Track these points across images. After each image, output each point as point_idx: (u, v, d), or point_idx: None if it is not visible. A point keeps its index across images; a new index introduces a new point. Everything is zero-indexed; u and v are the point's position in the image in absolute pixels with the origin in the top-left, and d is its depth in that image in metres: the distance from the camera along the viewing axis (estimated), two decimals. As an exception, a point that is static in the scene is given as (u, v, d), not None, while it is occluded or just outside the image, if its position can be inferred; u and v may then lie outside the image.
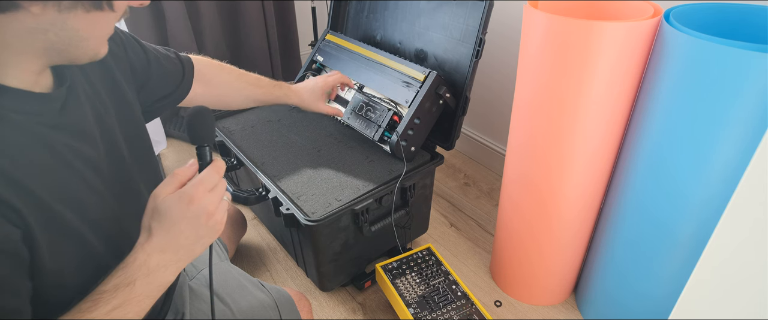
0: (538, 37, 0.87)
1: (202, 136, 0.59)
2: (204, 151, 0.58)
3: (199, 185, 0.54)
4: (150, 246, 0.53)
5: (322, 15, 2.14)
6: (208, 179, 0.55)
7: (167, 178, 0.55)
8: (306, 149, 1.23)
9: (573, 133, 0.91)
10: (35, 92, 0.49)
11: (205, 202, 0.54)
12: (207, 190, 0.55)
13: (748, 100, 0.70)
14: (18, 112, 0.47)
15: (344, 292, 1.29)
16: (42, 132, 0.49)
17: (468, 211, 1.59)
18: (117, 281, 0.51)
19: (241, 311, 0.85)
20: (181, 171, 0.56)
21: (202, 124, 0.59)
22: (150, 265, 0.52)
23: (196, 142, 0.59)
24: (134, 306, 0.51)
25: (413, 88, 1.12)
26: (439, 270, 1.14)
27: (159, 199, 0.53)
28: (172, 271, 0.54)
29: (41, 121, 0.50)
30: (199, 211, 0.53)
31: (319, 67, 1.40)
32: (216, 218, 0.55)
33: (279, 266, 1.38)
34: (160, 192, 0.54)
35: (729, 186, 0.77)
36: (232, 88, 0.97)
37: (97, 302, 0.49)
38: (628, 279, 1.02)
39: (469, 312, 1.04)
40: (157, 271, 0.53)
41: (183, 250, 0.54)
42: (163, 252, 0.53)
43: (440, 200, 1.64)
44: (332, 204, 1.04)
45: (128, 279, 0.51)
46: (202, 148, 0.58)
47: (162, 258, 0.53)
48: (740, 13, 0.84)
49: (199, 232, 0.54)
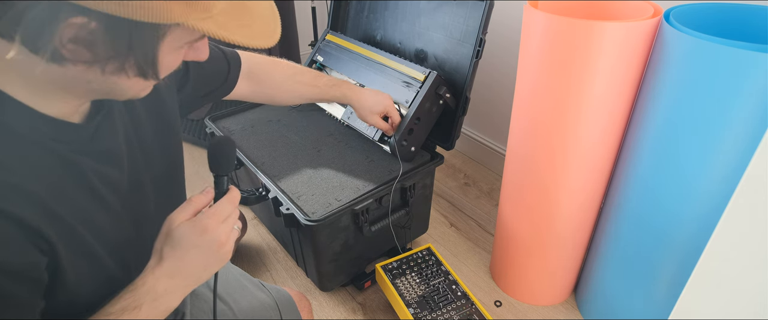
0: (538, 37, 0.87)
1: (221, 165, 0.60)
2: (222, 181, 0.60)
3: (214, 216, 0.55)
4: (160, 270, 0.54)
5: (322, 15, 2.14)
6: (223, 210, 0.56)
7: (183, 205, 0.56)
8: (306, 149, 1.23)
9: (573, 133, 0.91)
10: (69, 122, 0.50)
11: (217, 232, 0.55)
12: (220, 221, 0.56)
13: (748, 100, 0.70)
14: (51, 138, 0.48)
15: (344, 292, 1.29)
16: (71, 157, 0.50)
17: (468, 211, 1.59)
18: (124, 304, 0.51)
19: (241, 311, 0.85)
20: (197, 198, 0.57)
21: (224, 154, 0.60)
22: (157, 290, 0.53)
23: (214, 171, 0.60)
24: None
25: (413, 88, 1.12)
26: (439, 270, 1.14)
27: (173, 225, 0.54)
28: (177, 297, 0.55)
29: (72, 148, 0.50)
30: (211, 241, 0.55)
31: (319, 67, 1.40)
32: (226, 248, 0.56)
33: (279, 266, 1.38)
34: (175, 218, 0.55)
35: (729, 187, 0.77)
36: (283, 89, 0.95)
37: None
38: (628, 280, 1.02)
39: (469, 312, 1.04)
40: (164, 296, 0.53)
41: (191, 277, 0.56)
42: (172, 278, 0.54)
43: (440, 200, 1.64)
44: (332, 204, 1.04)
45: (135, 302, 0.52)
46: (220, 177, 0.60)
47: (170, 284, 0.54)
48: (740, 13, 0.84)
49: (208, 261, 0.56)
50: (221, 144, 0.60)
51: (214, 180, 0.60)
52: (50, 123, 0.48)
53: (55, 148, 0.48)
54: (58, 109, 0.48)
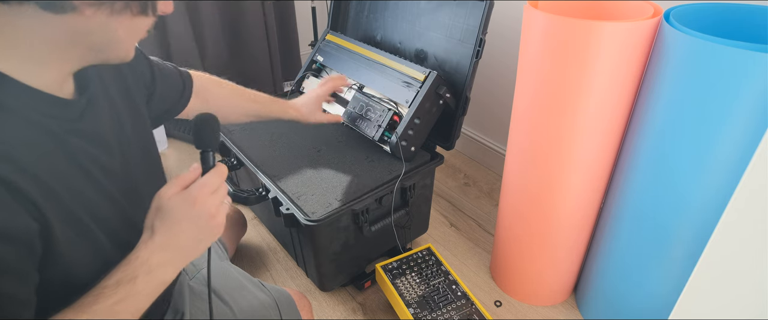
0: (538, 37, 0.87)
1: (206, 141, 0.61)
2: (207, 156, 0.61)
3: (203, 187, 0.56)
4: (152, 244, 0.54)
5: (322, 15, 2.14)
6: (211, 182, 0.57)
7: (171, 180, 0.57)
8: (306, 149, 1.23)
9: (573, 132, 0.91)
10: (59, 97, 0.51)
11: (207, 204, 0.56)
12: (210, 193, 0.57)
13: (748, 100, 0.70)
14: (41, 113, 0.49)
15: (344, 292, 1.29)
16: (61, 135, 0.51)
17: (468, 211, 1.59)
18: (119, 277, 0.52)
19: (241, 311, 0.85)
20: (185, 175, 0.58)
21: (208, 130, 0.62)
22: (151, 263, 0.53)
23: (200, 147, 0.61)
24: (134, 303, 0.52)
25: (413, 88, 1.12)
26: (439, 270, 1.14)
27: (163, 199, 0.55)
28: (171, 270, 0.56)
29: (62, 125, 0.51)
30: (201, 212, 0.55)
31: (319, 67, 1.40)
32: (217, 220, 0.57)
33: (279, 266, 1.38)
34: (164, 192, 0.56)
35: (729, 186, 0.77)
36: (229, 104, 0.98)
37: (98, 297, 0.50)
38: (628, 279, 1.02)
39: (469, 312, 1.04)
40: (157, 269, 0.54)
41: (184, 250, 0.56)
42: (165, 251, 0.54)
43: (440, 200, 1.64)
44: (332, 204, 1.04)
45: (130, 275, 0.52)
46: (206, 152, 0.61)
47: (163, 257, 0.54)
48: (740, 13, 0.84)
49: (200, 233, 0.56)
50: (205, 120, 0.61)
51: (201, 156, 0.61)
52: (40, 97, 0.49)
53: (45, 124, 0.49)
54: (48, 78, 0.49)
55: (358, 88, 1.26)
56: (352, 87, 1.28)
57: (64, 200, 0.50)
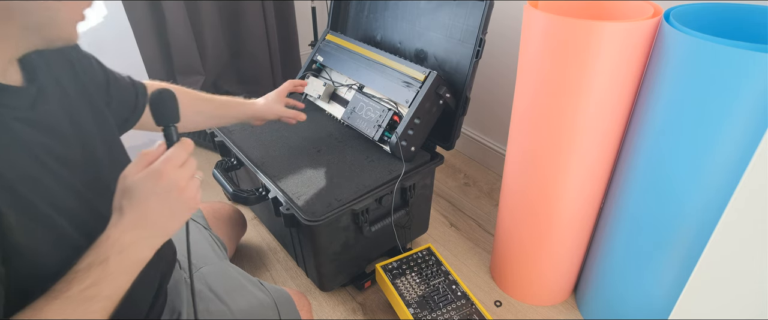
0: (538, 37, 0.87)
1: (166, 116, 0.59)
2: (170, 131, 0.59)
3: (168, 162, 0.55)
4: (122, 224, 0.53)
5: (322, 15, 2.14)
6: (177, 155, 0.56)
7: (135, 159, 0.56)
8: (306, 149, 1.23)
9: (573, 132, 0.91)
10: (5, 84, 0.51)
11: (174, 177, 0.55)
12: (176, 166, 0.55)
13: (748, 100, 0.70)
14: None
15: (344, 292, 1.29)
16: (12, 124, 0.51)
17: (468, 211, 1.59)
18: (90, 259, 0.51)
19: (240, 311, 0.85)
20: (148, 151, 0.56)
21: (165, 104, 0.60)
22: (123, 242, 0.53)
23: (161, 123, 0.59)
24: (109, 284, 0.51)
25: (413, 88, 1.12)
26: (439, 270, 1.14)
27: (128, 179, 0.54)
28: (146, 248, 0.55)
29: (11, 113, 0.51)
30: (169, 187, 0.54)
31: (319, 67, 1.40)
32: (188, 194, 0.56)
33: (279, 266, 1.38)
34: (129, 172, 0.55)
35: (729, 186, 0.77)
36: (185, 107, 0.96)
37: (71, 282, 0.49)
38: (628, 279, 1.02)
39: (469, 312, 1.04)
40: (130, 248, 0.53)
41: (156, 227, 0.55)
42: (136, 229, 0.53)
43: (440, 200, 1.64)
44: (332, 204, 1.04)
45: (101, 256, 0.51)
46: (168, 128, 0.59)
47: (135, 235, 0.53)
48: (740, 13, 0.84)
49: (171, 208, 0.55)
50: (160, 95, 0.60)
51: (164, 132, 0.59)
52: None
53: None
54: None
55: (358, 88, 1.27)
56: (352, 87, 1.28)
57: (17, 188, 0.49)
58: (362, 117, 1.20)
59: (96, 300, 0.50)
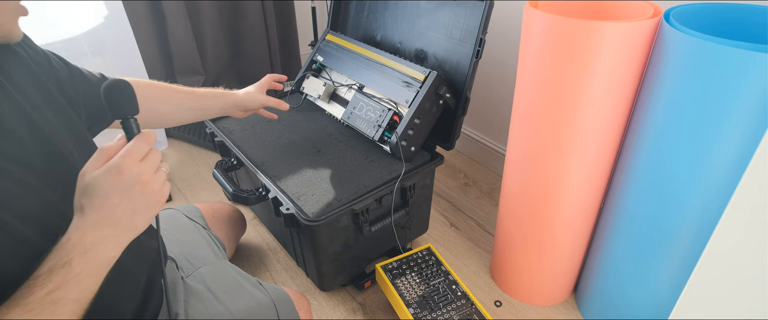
0: (538, 37, 0.87)
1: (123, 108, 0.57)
2: (129, 124, 0.56)
3: (127, 156, 0.52)
4: (83, 223, 0.51)
5: (322, 15, 2.14)
6: (137, 149, 0.54)
7: (93, 155, 0.53)
8: (306, 149, 1.23)
9: (573, 133, 0.91)
10: None
11: (135, 171, 0.52)
12: (136, 160, 0.53)
13: (748, 100, 0.70)
14: None
15: (344, 292, 1.29)
16: None
17: (468, 211, 1.59)
18: (52, 263, 0.49)
19: (238, 311, 0.85)
20: (107, 146, 0.54)
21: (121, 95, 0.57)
22: (86, 243, 0.50)
23: (118, 115, 0.57)
24: (75, 286, 0.49)
25: (413, 88, 1.12)
26: (439, 270, 1.14)
27: (87, 176, 0.52)
28: (112, 247, 0.53)
29: None
30: (130, 181, 0.52)
31: (319, 67, 1.40)
32: (152, 187, 0.54)
33: (279, 266, 1.38)
34: (87, 169, 0.52)
35: (729, 186, 0.77)
36: (160, 100, 0.93)
37: (32, 288, 0.48)
38: (628, 279, 1.02)
39: (469, 312, 1.04)
40: (94, 248, 0.51)
41: (121, 224, 0.53)
42: (99, 228, 0.51)
43: (440, 200, 1.64)
44: (332, 204, 1.04)
45: (63, 259, 0.49)
46: (126, 120, 0.56)
47: (98, 234, 0.51)
48: (740, 13, 0.84)
49: (135, 204, 0.53)
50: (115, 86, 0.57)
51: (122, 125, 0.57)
52: None
53: None
54: None
55: (358, 88, 1.27)
56: (352, 87, 1.28)
57: None
58: (362, 117, 1.20)
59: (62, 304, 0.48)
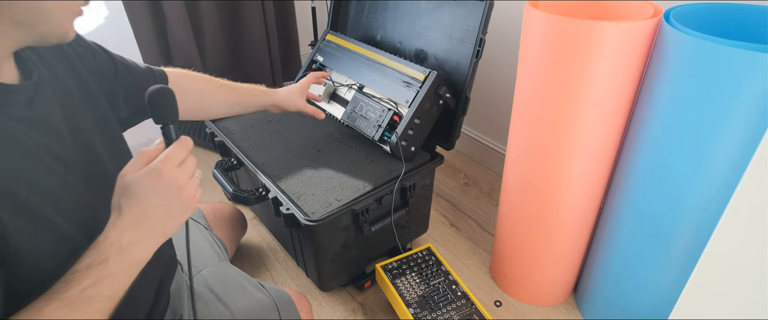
0: (538, 37, 0.86)
1: (165, 114, 0.59)
2: (169, 129, 0.58)
3: (166, 160, 0.54)
4: (121, 223, 0.52)
5: (322, 15, 2.14)
6: (175, 154, 0.55)
7: (134, 158, 0.55)
8: (306, 149, 1.23)
9: (573, 132, 0.91)
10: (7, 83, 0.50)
11: (173, 176, 0.54)
12: (175, 165, 0.55)
13: (748, 100, 0.70)
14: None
15: (344, 292, 1.29)
16: (7, 123, 0.50)
17: (468, 211, 1.59)
18: (89, 260, 0.50)
19: (240, 312, 0.85)
20: (147, 150, 0.56)
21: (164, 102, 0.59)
22: (122, 242, 0.52)
23: (159, 122, 0.59)
24: (109, 284, 0.51)
25: (413, 88, 1.12)
26: (439, 270, 1.14)
27: (127, 177, 0.53)
28: (146, 248, 0.54)
29: (6, 112, 0.50)
30: (168, 185, 0.54)
31: (319, 67, 1.40)
32: (187, 192, 0.55)
33: (279, 266, 1.38)
34: (127, 171, 0.54)
35: (729, 186, 0.77)
36: (205, 94, 0.95)
37: (69, 282, 0.49)
38: (628, 279, 1.02)
39: (469, 312, 1.04)
40: (130, 248, 0.52)
41: (156, 226, 0.54)
42: (136, 229, 0.53)
43: (440, 200, 1.64)
44: (332, 204, 1.04)
45: (100, 257, 0.51)
46: (166, 126, 0.59)
47: (135, 235, 0.53)
48: (740, 13, 0.84)
49: (170, 207, 0.54)
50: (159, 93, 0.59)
51: (162, 131, 0.59)
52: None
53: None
54: None
55: (358, 88, 1.26)
56: (352, 87, 1.28)
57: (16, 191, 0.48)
58: (362, 117, 1.20)
59: (96, 301, 0.50)
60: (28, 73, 0.55)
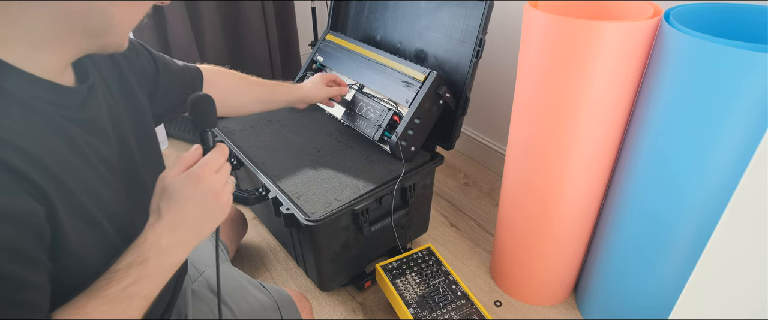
0: (538, 37, 0.87)
1: (205, 121, 0.61)
2: (207, 136, 0.61)
3: (206, 166, 0.56)
4: (160, 225, 0.54)
5: (322, 15, 2.14)
6: (214, 160, 0.58)
7: (174, 162, 0.57)
8: (306, 149, 1.23)
9: (573, 132, 0.91)
10: (60, 84, 0.51)
11: (211, 182, 0.56)
12: (213, 171, 0.57)
13: (748, 100, 0.70)
14: (43, 101, 0.49)
15: (344, 292, 1.29)
16: (63, 124, 0.51)
17: (468, 211, 1.59)
18: (130, 260, 0.52)
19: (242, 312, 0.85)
20: (186, 155, 0.58)
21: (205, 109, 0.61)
22: (161, 244, 0.53)
23: (199, 127, 0.61)
24: (148, 284, 0.52)
25: (413, 88, 1.12)
26: (439, 270, 1.14)
27: (167, 180, 0.55)
28: (182, 251, 0.56)
29: (63, 113, 0.51)
30: (206, 191, 0.56)
31: (319, 67, 1.40)
32: (223, 198, 0.58)
33: (279, 266, 1.38)
34: (167, 174, 0.56)
35: (729, 186, 0.77)
36: (238, 90, 0.99)
37: (111, 281, 0.50)
38: (628, 279, 1.02)
39: (469, 312, 1.04)
40: (168, 250, 0.54)
41: (193, 230, 0.56)
42: (174, 232, 0.54)
43: (440, 200, 1.64)
44: (332, 204, 1.04)
45: (141, 257, 0.52)
46: (205, 132, 0.61)
47: (173, 238, 0.54)
48: (740, 13, 0.84)
49: (206, 212, 0.56)
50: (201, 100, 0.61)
51: (200, 137, 0.61)
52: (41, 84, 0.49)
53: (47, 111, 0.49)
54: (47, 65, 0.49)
55: (358, 88, 1.27)
56: (352, 87, 1.28)
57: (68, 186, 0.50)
58: (362, 117, 1.20)
59: (135, 300, 0.51)
60: (83, 77, 0.57)
